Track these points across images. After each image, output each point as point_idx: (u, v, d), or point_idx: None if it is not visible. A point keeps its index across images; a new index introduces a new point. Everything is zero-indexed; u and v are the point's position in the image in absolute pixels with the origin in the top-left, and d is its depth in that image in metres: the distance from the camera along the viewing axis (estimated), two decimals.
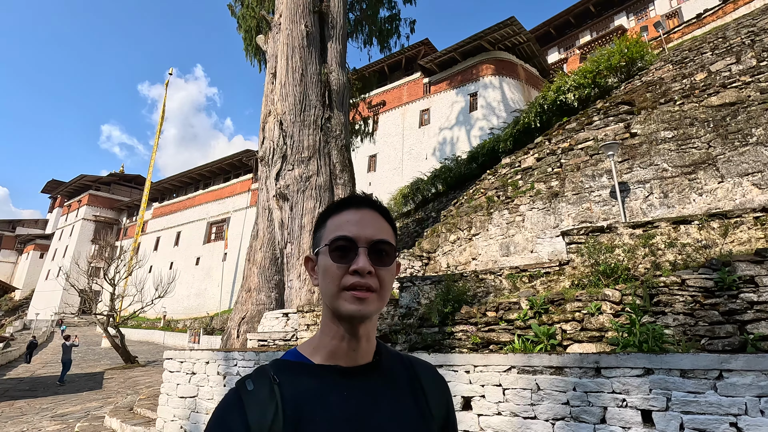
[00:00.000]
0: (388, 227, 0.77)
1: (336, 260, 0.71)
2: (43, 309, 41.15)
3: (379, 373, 0.75)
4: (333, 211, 0.78)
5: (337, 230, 0.74)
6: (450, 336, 4.30)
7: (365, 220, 0.74)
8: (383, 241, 0.73)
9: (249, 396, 0.67)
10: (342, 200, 0.78)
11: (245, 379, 0.71)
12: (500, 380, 2.93)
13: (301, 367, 0.73)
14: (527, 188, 8.76)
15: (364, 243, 0.72)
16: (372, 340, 0.76)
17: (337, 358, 0.73)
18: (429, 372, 0.83)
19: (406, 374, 0.79)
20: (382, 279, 0.72)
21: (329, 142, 9.99)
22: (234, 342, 8.66)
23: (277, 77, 10.37)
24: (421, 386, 0.79)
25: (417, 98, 29.45)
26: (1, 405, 9.74)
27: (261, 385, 0.69)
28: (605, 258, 4.12)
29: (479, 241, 9.26)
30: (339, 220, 0.75)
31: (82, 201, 47.49)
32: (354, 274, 0.70)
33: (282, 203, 9.39)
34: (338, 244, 0.72)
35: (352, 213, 0.75)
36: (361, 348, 0.74)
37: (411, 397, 0.76)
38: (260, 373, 0.72)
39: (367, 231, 0.73)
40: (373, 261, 0.71)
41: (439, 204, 18.90)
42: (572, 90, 13.16)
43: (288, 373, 0.71)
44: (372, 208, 0.77)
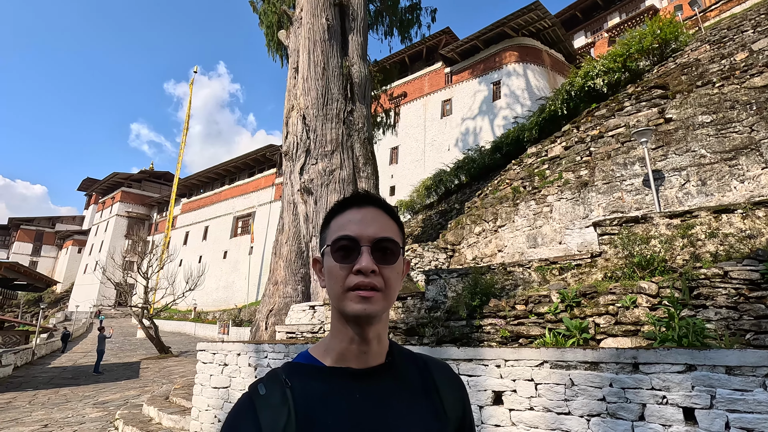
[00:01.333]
0: (393, 225, 0.76)
1: (339, 260, 0.70)
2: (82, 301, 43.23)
3: (392, 374, 0.74)
4: (336, 211, 0.77)
5: (340, 230, 0.73)
6: (478, 329, 4.25)
7: (368, 218, 0.73)
8: (387, 239, 0.72)
9: (261, 400, 0.67)
10: (344, 200, 0.77)
11: (257, 384, 0.71)
12: (532, 375, 2.88)
13: (313, 370, 0.72)
14: (555, 178, 8.53)
15: (366, 242, 0.70)
16: (383, 340, 0.75)
17: (348, 360, 0.72)
18: (443, 372, 0.82)
19: (419, 375, 0.78)
20: (387, 278, 0.70)
21: (352, 136, 9.99)
22: (262, 334, 8.85)
23: (299, 72, 10.42)
24: (435, 387, 0.77)
25: (438, 88, 29.08)
26: (48, 392, 10.31)
27: (273, 389, 0.69)
28: (640, 249, 3.97)
29: (505, 232, 9.10)
30: (342, 220, 0.74)
31: (116, 198, 49.37)
32: (358, 274, 0.69)
33: (306, 197, 9.48)
34: (341, 244, 0.71)
35: (354, 212, 0.74)
36: (371, 349, 0.72)
37: (425, 398, 0.75)
38: (272, 377, 0.72)
39: (369, 229, 0.71)
40: (377, 260, 0.70)
41: (462, 195, 18.70)
42: (601, 75, 12.71)
43: (299, 377, 0.71)
44: (375, 206, 0.76)
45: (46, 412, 7.93)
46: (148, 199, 50.25)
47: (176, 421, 5.67)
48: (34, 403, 8.98)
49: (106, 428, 6.41)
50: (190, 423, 5.13)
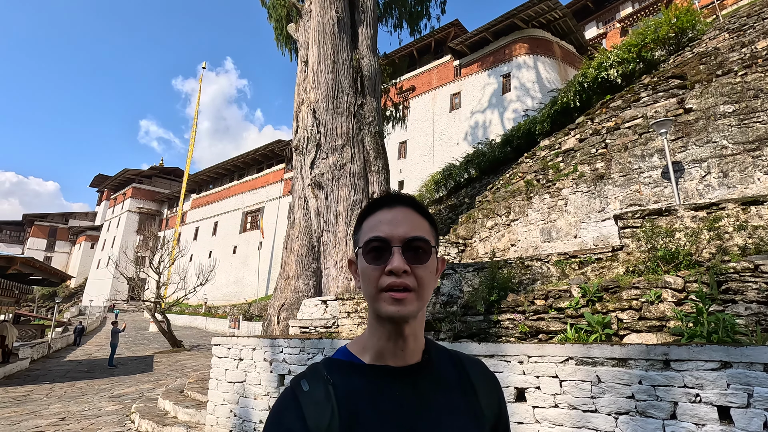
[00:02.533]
0: (425, 223, 0.76)
1: (371, 262, 0.71)
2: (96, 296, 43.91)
3: (429, 371, 0.75)
4: (367, 212, 0.78)
5: (371, 231, 0.73)
6: (496, 324, 4.18)
7: (398, 218, 0.73)
8: (418, 238, 0.72)
9: (305, 396, 0.68)
10: (375, 200, 0.78)
11: (300, 379, 0.72)
12: (557, 371, 2.80)
13: (352, 367, 0.73)
14: (570, 171, 8.39)
15: (397, 242, 0.71)
16: (420, 338, 0.75)
17: (386, 358, 0.73)
18: (479, 368, 0.82)
19: (455, 372, 0.78)
20: (420, 277, 0.70)
21: (362, 129, 9.91)
22: (275, 328, 8.87)
23: (309, 65, 10.35)
24: (471, 384, 0.78)
25: (447, 82, 28.82)
26: (64, 385, 10.47)
27: (316, 385, 0.69)
28: (665, 243, 3.86)
29: (518, 226, 8.99)
30: (373, 221, 0.75)
31: (127, 194, 49.89)
32: (390, 275, 0.69)
33: (317, 192, 9.44)
34: (372, 245, 0.72)
35: (385, 212, 0.75)
36: (408, 347, 0.73)
37: (461, 395, 0.75)
38: (314, 372, 0.73)
39: (400, 229, 0.72)
40: (409, 259, 0.70)
41: (472, 189, 18.55)
42: (615, 66, 12.46)
43: (340, 373, 0.72)
44: (406, 205, 0.76)
45: (63, 405, 8.04)
46: (158, 195, 50.71)
47: (192, 415, 5.70)
48: (51, 396, 9.12)
49: (123, 422, 6.47)
50: (206, 417, 5.14)
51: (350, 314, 5.83)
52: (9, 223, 60.74)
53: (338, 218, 9.05)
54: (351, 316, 5.78)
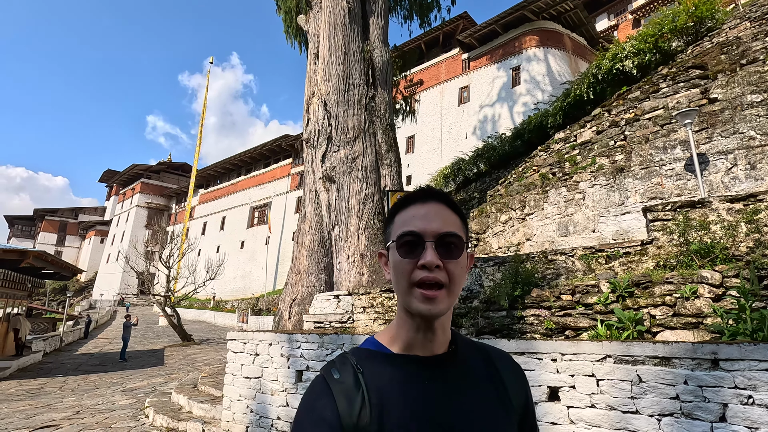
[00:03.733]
0: (456, 219, 0.76)
1: (404, 255, 0.72)
2: (106, 290, 44.32)
3: (456, 362, 0.76)
4: (400, 206, 0.78)
5: (404, 225, 0.74)
6: (520, 320, 4.05)
7: (431, 213, 0.74)
8: (451, 234, 0.72)
9: (336, 384, 0.69)
10: (408, 195, 0.78)
11: (330, 368, 0.72)
12: (593, 370, 2.68)
13: (381, 357, 0.74)
14: (587, 164, 8.19)
15: (431, 237, 0.71)
16: (447, 330, 0.76)
17: (415, 348, 0.74)
18: (506, 360, 0.83)
19: (482, 363, 0.79)
20: (452, 272, 0.71)
21: (374, 122, 9.77)
22: (286, 323, 8.81)
23: (319, 57, 10.20)
24: (499, 375, 0.78)
25: (455, 75, 28.51)
26: (77, 379, 10.52)
27: (346, 373, 0.70)
28: (699, 236, 3.69)
29: (534, 220, 8.82)
30: (405, 216, 0.75)
31: (136, 189, 50.18)
32: (422, 269, 0.69)
33: (328, 185, 9.33)
34: (405, 239, 0.72)
35: (418, 207, 0.75)
36: (437, 339, 0.74)
37: (490, 385, 0.76)
38: (344, 361, 0.73)
39: (433, 224, 0.72)
40: (441, 254, 0.71)
41: (482, 184, 18.36)
42: (631, 57, 12.19)
43: (369, 362, 0.73)
44: (439, 200, 0.76)
45: (76, 399, 8.05)
46: (166, 190, 50.96)
47: (207, 410, 5.65)
48: (65, 389, 9.15)
49: (137, 416, 6.44)
50: (222, 413, 5.08)
51: (366, 309, 5.73)
52: (20, 218, 61.41)
53: (350, 212, 8.94)
54: (367, 311, 5.68)
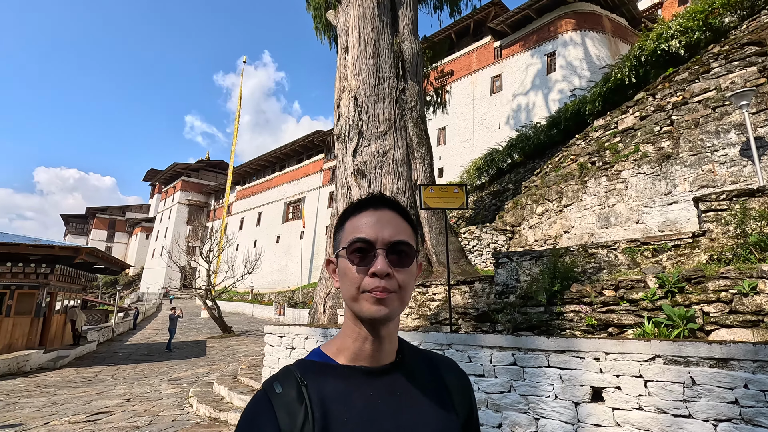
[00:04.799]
0: (407, 227, 0.76)
1: (354, 263, 0.71)
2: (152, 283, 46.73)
3: (403, 372, 0.75)
4: (351, 212, 0.77)
5: (355, 232, 0.73)
6: (559, 317, 3.91)
7: (383, 221, 0.73)
8: (402, 242, 0.72)
9: (278, 398, 0.67)
10: (359, 201, 0.77)
11: (272, 381, 0.70)
12: (640, 371, 2.53)
13: (327, 368, 0.73)
14: (630, 151, 7.78)
15: (382, 245, 0.71)
16: (394, 339, 0.76)
17: (361, 359, 0.73)
18: (451, 368, 0.83)
19: (428, 371, 0.79)
20: (402, 280, 0.70)
21: (404, 115, 9.68)
22: (321, 316, 8.94)
23: (349, 51, 10.19)
24: (444, 383, 0.79)
25: (487, 64, 27.81)
26: (127, 367, 11.15)
27: (289, 387, 0.68)
28: (759, 227, 3.41)
29: (572, 212, 8.49)
30: (357, 222, 0.74)
31: (177, 187, 52.38)
32: (373, 277, 0.69)
33: (360, 180, 9.34)
34: (356, 246, 0.71)
35: (369, 214, 0.74)
36: (384, 348, 0.73)
37: (435, 393, 0.76)
38: (287, 374, 0.71)
39: (385, 232, 0.72)
40: (392, 262, 0.70)
41: (516, 175, 17.92)
42: (677, 36, 11.48)
43: (314, 374, 0.71)
44: (390, 208, 0.76)
45: (127, 387, 8.53)
46: (205, 187, 52.87)
47: (246, 402, 5.83)
48: (117, 377, 9.72)
49: (182, 405, 6.74)
50: None
51: None
52: (74, 216, 65.58)
53: None
54: None
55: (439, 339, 3.58)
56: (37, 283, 11.56)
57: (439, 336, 3.60)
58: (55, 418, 6.06)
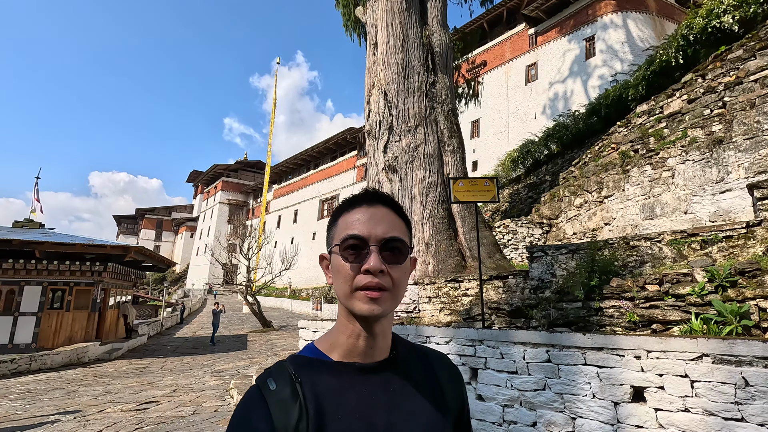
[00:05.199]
0: (401, 223, 0.76)
1: (347, 260, 0.70)
2: (196, 280, 48.92)
3: (396, 368, 0.75)
4: (344, 208, 0.77)
5: (348, 229, 0.72)
6: (598, 312, 3.74)
7: (376, 217, 0.73)
8: (395, 239, 0.71)
9: (272, 395, 0.67)
10: (353, 197, 0.77)
11: (266, 377, 0.70)
12: (686, 370, 2.37)
13: (320, 364, 0.73)
14: (677, 137, 7.31)
15: (375, 241, 0.70)
16: (388, 335, 0.76)
17: (355, 355, 0.73)
18: (443, 363, 0.84)
19: (421, 366, 0.79)
20: (395, 277, 0.70)
21: (435, 108, 9.56)
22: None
23: (378, 47, 10.17)
24: (436, 378, 0.79)
25: (522, 53, 27.00)
26: (174, 360, 11.74)
27: (283, 383, 0.68)
28: None
29: (613, 203, 8.10)
30: (350, 219, 0.74)
31: (217, 187, 54.46)
32: (366, 274, 0.69)
33: (391, 176, 9.33)
34: (349, 243, 0.71)
35: (363, 210, 0.74)
36: (377, 345, 0.73)
37: (428, 389, 0.76)
38: (281, 370, 0.71)
39: (378, 229, 0.71)
40: (386, 259, 0.70)
41: (554, 166, 17.33)
42: (731, 11, 10.69)
43: (308, 371, 0.71)
44: (384, 204, 0.75)
45: (174, 378, 8.99)
46: (244, 187, 54.64)
47: None
48: (165, 369, 10.26)
49: (223, 396, 7.03)
50: None
51: (431, 299, 5.67)
52: (125, 217, 69.65)
53: (413, 201, 8.88)
54: (432, 302, 5.61)
55: (470, 335, 3.52)
56: (92, 280, 12.37)
57: (470, 332, 3.54)
58: (109, 406, 6.48)
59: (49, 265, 11.77)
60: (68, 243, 11.63)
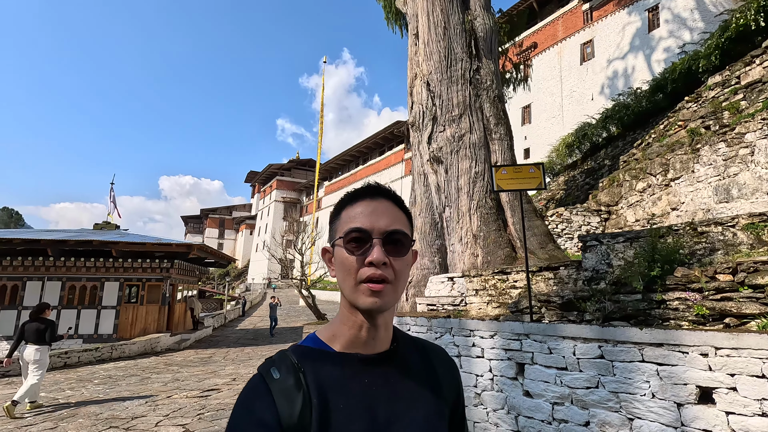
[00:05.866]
0: (403, 216, 0.77)
1: (351, 252, 0.71)
2: (256, 275, 51.51)
3: (397, 360, 0.76)
4: (347, 202, 0.78)
5: (351, 222, 0.73)
6: (660, 305, 3.42)
7: (379, 210, 0.74)
8: (398, 231, 0.73)
9: (276, 384, 0.67)
10: (355, 191, 0.78)
11: (269, 366, 0.70)
12: (763, 370, 2.10)
13: (322, 355, 0.73)
14: (756, 109, 6.51)
15: (378, 234, 0.72)
16: (389, 328, 0.77)
17: (356, 346, 0.73)
18: (440, 355, 0.85)
19: (419, 359, 0.81)
20: (397, 270, 0.71)
21: (480, 96, 9.24)
22: (404, 305, 9.03)
23: (419, 37, 10.01)
24: (434, 370, 0.81)
25: (575, 31, 25.42)
26: (236, 350, 12.43)
27: (287, 373, 0.68)
28: None
29: (681, 186, 7.40)
30: (353, 212, 0.75)
31: (273, 186, 56.79)
32: (369, 266, 0.70)
33: (436, 167, 9.18)
34: (352, 236, 0.72)
35: (365, 204, 0.75)
36: (379, 337, 0.74)
37: (426, 381, 0.77)
38: (284, 359, 0.71)
39: (381, 222, 0.72)
40: (388, 252, 0.71)
41: (613, 149, 16.24)
42: None
43: (310, 361, 0.71)
44: (386, 197, 0.77)
45: (235, 368, 9.51)
46: (297, 185, 56.53)
47: None
48: (227, 359, 10.89)
49: None
50: None
51: (478, 292, 5.51)
52: (191, 217, 74.73)
53: (460, 192, 8.68)
54: (479, 294, 5.46)
55: (515, 329, 3.36)
56: (161, 276, 13.39)
57: (515, 325, 3.38)
58: (176, 393, 6.98)
59: (124, 263, 12.89)
60: (139, 242, 12.66)
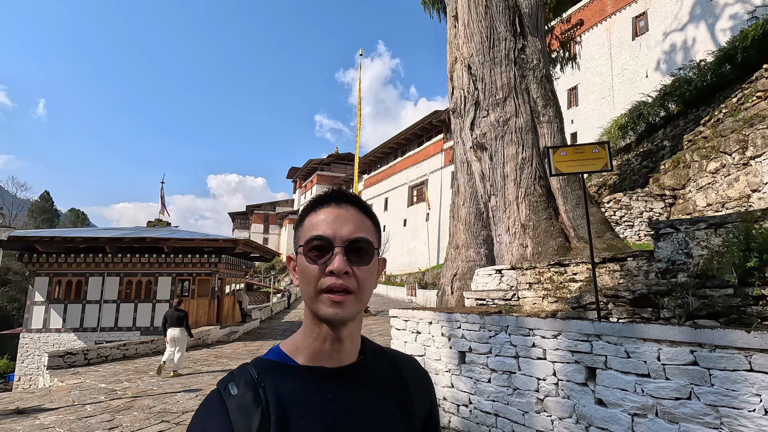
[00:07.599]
0: (369, 223, 0.74)
1: (312, 261, 0.69)
2: None
3: (364, 372, 0.74)
4: (311, 208, 0.75)
5: (313, 229, 0.71)
6: (759, 301, 2.93)
7: (342, 217, 0.71)
8: (361, 239, 0.70)
9: (233, 400, 0.64)
10: (319, 197, 0.75)
11: (228, 382, 0.67)
12: None
13: (285, 368, 0.70)
14: None
15: (340, 242, 0.69)
16: (356, 339, 0.75)
17: (321, 359, 0.71)
18: (411, 367, 0.83)
19: (389, 370, 0.78)
20: (361, 279, 0.69)
21: (526, 76, 8.68)
22: (449, 298, 8.72)
23: (458, 18, 9.54)
24: (404, 383, 0.78)
25: (626, 4, 23.64)
26: None
27: (245, 388, 0.65)
28: None
29: (763, 164, 6.56)
30: (316, 219, 0.72)
31: (313, 181, 57.81)
32: (330, 275, 0.67)
33: (480, 154, 8.74)
34: (314, 244, 0.69)
35: (329, 211, 0.72)
36: (344, 349, 0.72)
37: (395, 394, 0.75)
38: (243, 374, 0.68)
39: (343, 229, 0.70)
40: (351, 260, 0.69)
41: (673, 129, 14.97)
42: None
43: (271, 375, 0.68)
44: (351, 204, 0.74)
45: None
46: (337, 179, 57.14)
47: None
48: None
49: None
50: None
51: (532, 285, 5.12)
52: (238, 214, 77.62)
53: (506, 180, 8.22)
54: (533, 288, 5.07)
55: (583, 328, 3.00)
56: (209, 270, 13.83)
57: (583, 325, 3.01)
58: None
59: (176, 259, 13.42)
60: (188, 238, 13.12)
